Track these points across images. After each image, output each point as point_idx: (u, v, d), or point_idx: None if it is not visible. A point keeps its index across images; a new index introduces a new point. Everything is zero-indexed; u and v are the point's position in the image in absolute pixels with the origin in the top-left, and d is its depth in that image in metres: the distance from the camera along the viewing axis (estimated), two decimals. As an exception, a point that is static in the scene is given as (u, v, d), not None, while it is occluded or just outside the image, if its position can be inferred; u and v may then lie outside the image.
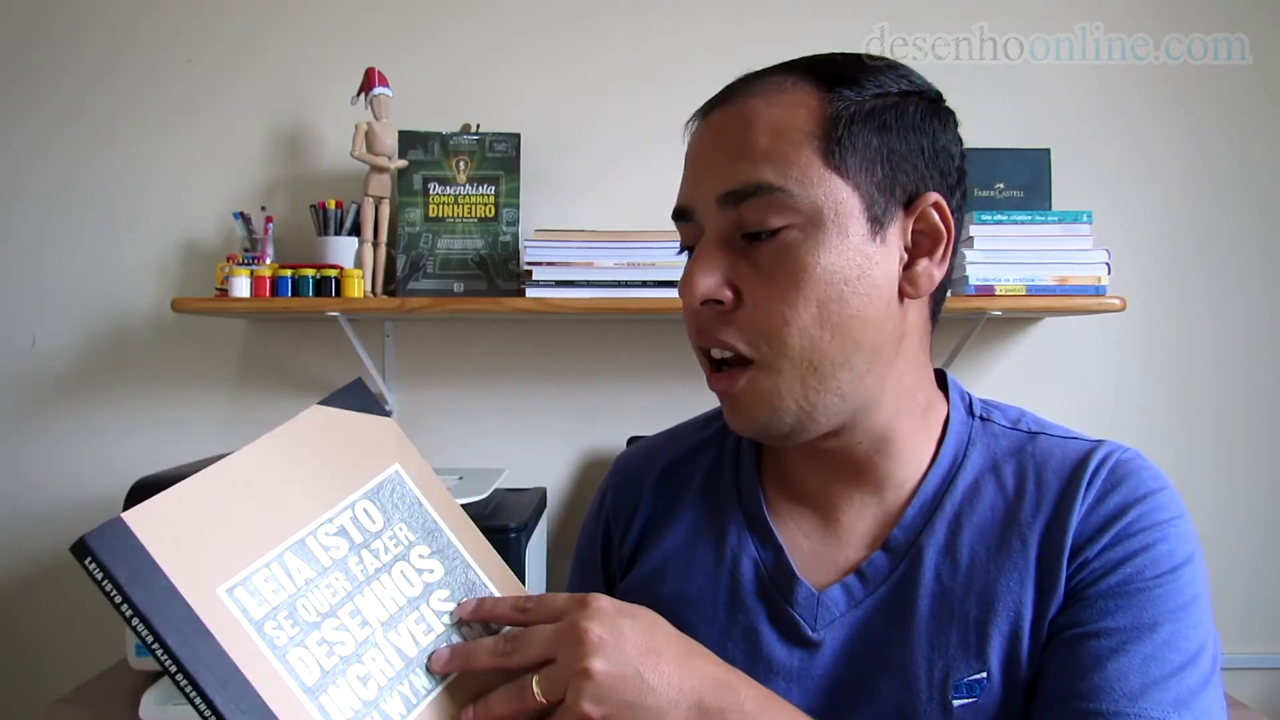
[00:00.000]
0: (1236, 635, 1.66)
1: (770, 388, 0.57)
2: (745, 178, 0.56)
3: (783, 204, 0.55)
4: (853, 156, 0.56)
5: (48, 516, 1.67)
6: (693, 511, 0.70)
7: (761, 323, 0.56)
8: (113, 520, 0.47)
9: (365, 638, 0.51)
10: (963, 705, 0.57)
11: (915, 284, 0.58)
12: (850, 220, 0.56)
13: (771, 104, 0.57)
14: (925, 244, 0.59)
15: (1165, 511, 0.58)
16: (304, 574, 0.51)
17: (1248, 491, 1.68)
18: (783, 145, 0.56)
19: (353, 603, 0.52)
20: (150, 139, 1.67)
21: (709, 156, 0.59)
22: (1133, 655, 0.54)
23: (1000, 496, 0.61)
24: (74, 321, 1.68)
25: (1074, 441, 0.63)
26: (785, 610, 0.63)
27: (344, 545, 0.53)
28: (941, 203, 0.58)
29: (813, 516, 0.66)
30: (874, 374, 0.59)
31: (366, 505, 0.55)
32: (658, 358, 1.68)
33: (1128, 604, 0.55)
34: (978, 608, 0.58)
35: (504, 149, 1.56)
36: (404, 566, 0.55)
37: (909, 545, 0.61)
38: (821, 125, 0.56)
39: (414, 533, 0.56)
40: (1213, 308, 1.68)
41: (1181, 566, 0.57)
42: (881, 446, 0.62)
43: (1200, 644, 0.55)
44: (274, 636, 0.48)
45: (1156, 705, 0.52)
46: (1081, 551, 0.57)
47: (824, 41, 0.75)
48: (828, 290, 0.55)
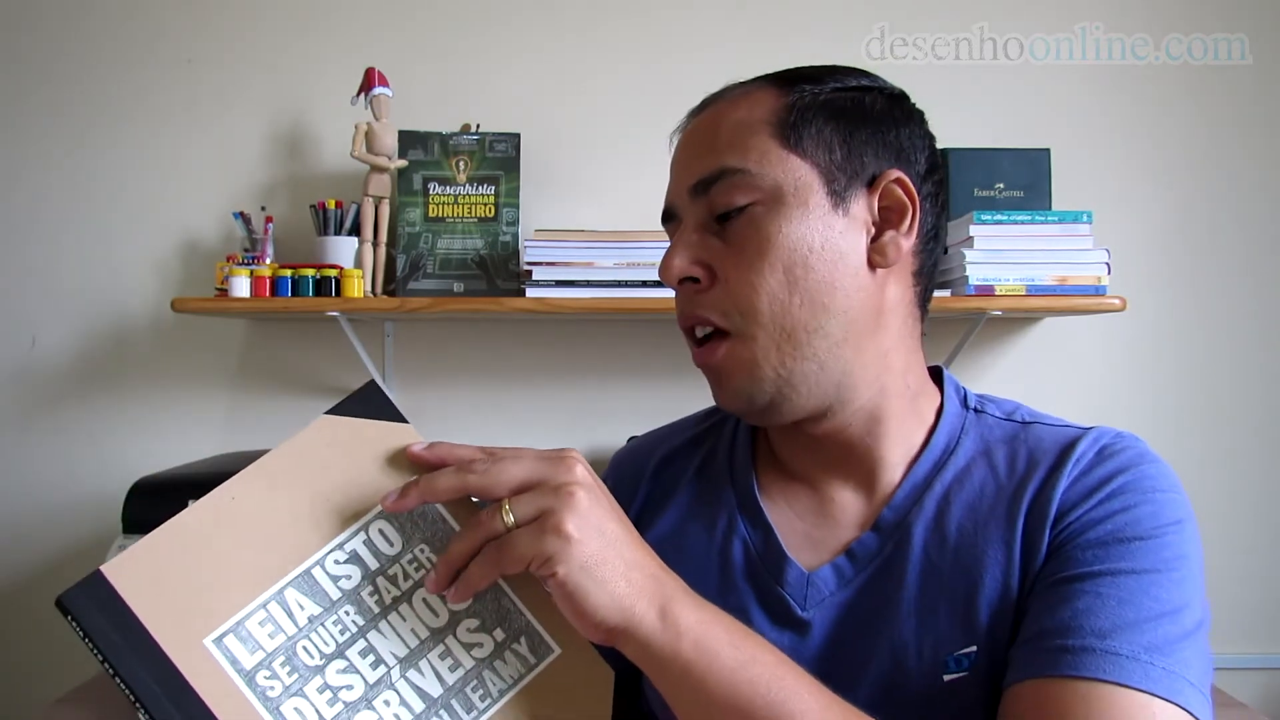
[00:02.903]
0: (1236, 635, 1.66)
1: (748, 356, 0.60)
2: (710, 166, 0.61)
3: (746, 184, 0.60)
4: (809, 139, 0.60)
5: (48, 516, 1.67)
6: (686, 497, 0.71)
7: (734, 294, 0.60)
8: (92, 574, 0.44)
9: (378, 679, 0.46)
10: (953, 679, 0.57)
11: (884, 253, 0.61)
12: (810, 194, 0.60)
13: (734, 105, 0.63)
14: (893, 218, 0.62)
15: (1153, 481, 0.58)
16: (308, 611, 0.46)
17: (1247, 491, 1.68)
18: (743, 134, 0.61)
19: (365, 640, 0.47)
20: (150, 139, 1.67)
21: (683, 157, 0.64)
22: (1106, 598, 0.53)
23: (991, 476, 0.62)
24: (74, 321, 1.68)
25: (1068, 428, 0.64)
26: (775, 590, 0.63)
27: (356, 574, 0.48)
28: (904, 178, 0.61)
29: (807, 498, 0.66)
30: (851, 344, 0.61)
31: (383, 526, 0.49)
32: (657, 358, 1.68)
33: (1106, 553, 0.55)
34: (965, 582, 0.58)
35: (504, 149, 1.56)
36: (426, 594, 0.49)
37: (898, 524, 0.62)
38: (777, 113, 0.61)
39: (438, 554, 0.49)
40: (1213, 307, 1.68)
41: (1167, 527, 0.55)
42: (872, 428, 0.63)
43: (1183, 602, 0.53)
44: (267, 687, 0.44)
45: (1127, 644, 0.50)
46: (1066, 516, 0.57)
47: (824, 41, 0.75)
48: (792, 256, 0.59)
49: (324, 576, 0.47)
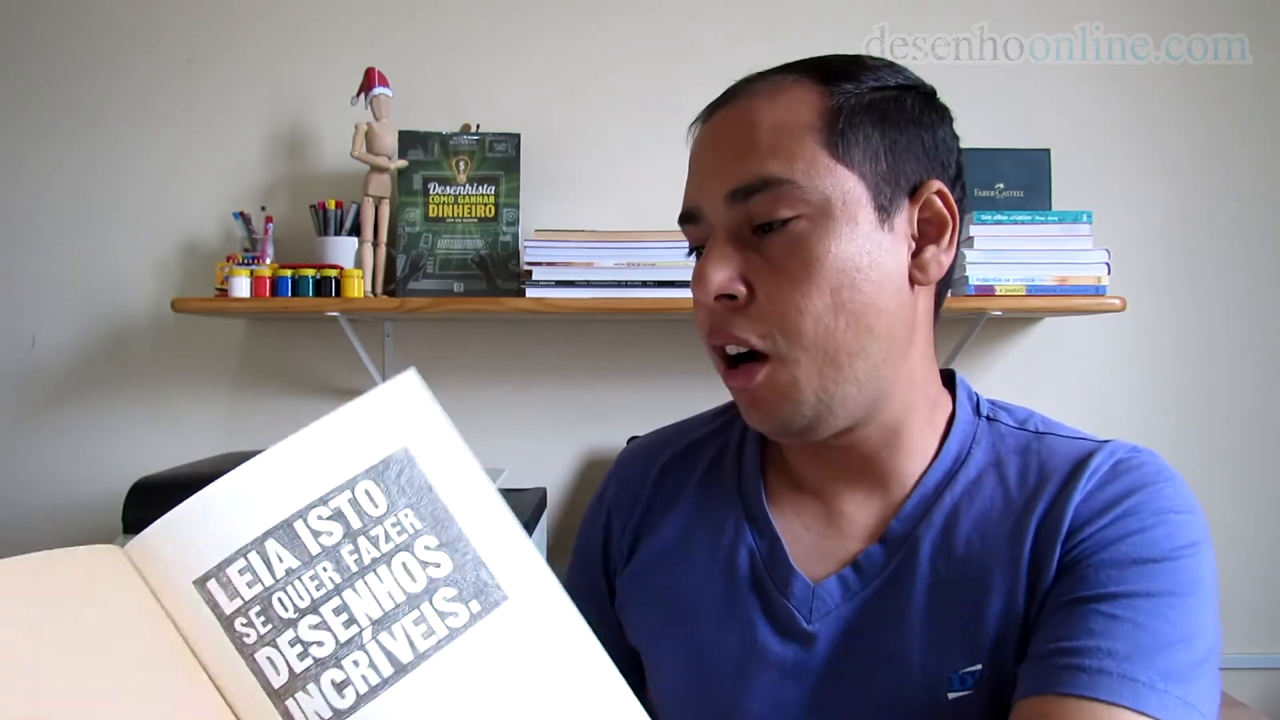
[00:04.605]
0: (1237, 635, 1.66)
1: (788, 380, 0.57)
2: (752, 173, 0.56)
3: (791, 196, 0.56)
4: (856, 148, 0.56)
5: (48, 516, 1.67)
6: (693, 502, 0.70)
7: (775, 314, 0.56)
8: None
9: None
10: (957, 697, 0.56)
11: (925, 270, 0.59)
12: (859, 209, 0.56)
13: (773, 101, 0.58)
14: (931, 231, 0.60)
15: (1169, 501, 0.56)
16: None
17: (1248, 491, 1.68)
18: (786, 140, 0.56)
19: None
20: (150, 139, 1.67)
21: (713, 157, 0.60)
22: (1122, 620, 0.51)
23: (1001, 490, 0.60)
24: (74, 321, 1.68)
25: (1082, 441, 0.61)
26: (780, 602, 0.62)
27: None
28: (945, 190, 0.59)
29: (816, 508, 0.65)
30: (889, 364, 0.59)
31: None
32: (657, 358, 1.68)
33: (1122, 574, 0.53)
34: (972, 599, 0.57)
35: (504, 149, 1.56)
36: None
37: (906, 537, 0.61)
38: (823, 118, 0.57)
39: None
40: (1213, 307, 1.68)
41: (1182, 551, 0.54)
42: (891, 440, 0.62)
43: (1197, 628, 0.52)
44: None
45: (1144, 669, 0.49)
46: (1077, 533, 0.56)
47: (824, 41, 0.75)
48: (840, 278, 0.55)
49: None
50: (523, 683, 0.48)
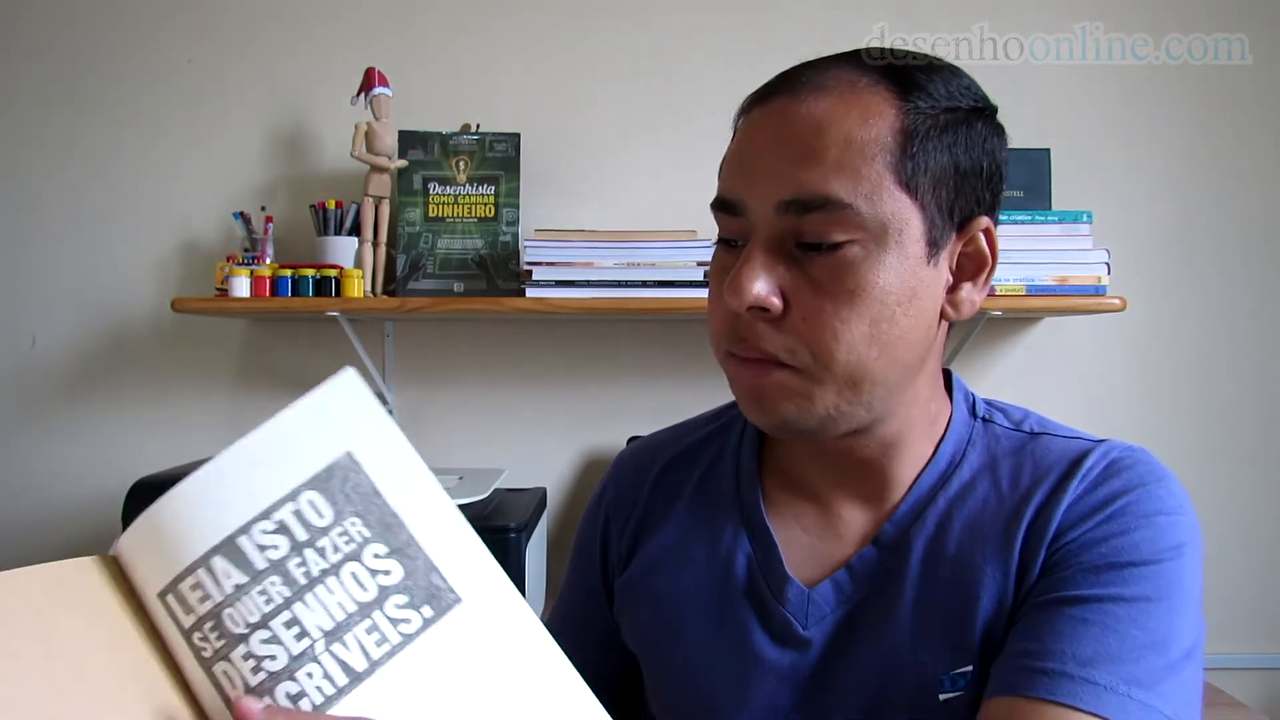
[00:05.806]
0: (1237, 635, 1.66)
1: (803, 391, 0.56)
2: (813, 189, 0.53)
3: (849, 220, 0.53)
4: (924, 175, 0.54)
5: (48, 516, 1.67)
6: (690, 507, 0.70)
7: (809, 334, 0.54)
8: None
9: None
10: (948, 698, 0.56)
11: (958, 308, 0.59)
12: (911, 243, 0.54)
13: (847, 107, 0.54)
14: (970, 267, 0.59)
15: (1158, 503, 0.56)
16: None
17: (1248, 491, 1.68)
18: (855, 159, 0.53)
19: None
20: (150, 139, 1.67)
21: (770, 155, 0.55)
22: (1091, 624, 0.52)
23: (994, 492, 0.60)
24: (74, 321, 1.68)
25: (1077, 440, 0.61)
26: (776, 609, 0.62)
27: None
28: (991, 229, 0.59)
29: (813, 511, 0.65)
30: (901, 388, 0.59)
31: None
32: (658, 358, 1.68)
33: (1098, 577, 0.53)
34: (962, 601, 0.57)
35: (504, 149, 1.56)
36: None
37: (898, 540, 0.61)
38: (896, 138, 0.53)
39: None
40: (1213, 307, 1.68)
41: (1164, 553, 0.54)
42: (889, 450, 0.62)
43: (1172, 632, 0.52)
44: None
45: (1106, 674, 0.50)
46: (1064, 535, 0.56)
47: (823, 41, 0.75)
48: (881, 310, 0.54)
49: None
50: (479, 683, 0.47)
